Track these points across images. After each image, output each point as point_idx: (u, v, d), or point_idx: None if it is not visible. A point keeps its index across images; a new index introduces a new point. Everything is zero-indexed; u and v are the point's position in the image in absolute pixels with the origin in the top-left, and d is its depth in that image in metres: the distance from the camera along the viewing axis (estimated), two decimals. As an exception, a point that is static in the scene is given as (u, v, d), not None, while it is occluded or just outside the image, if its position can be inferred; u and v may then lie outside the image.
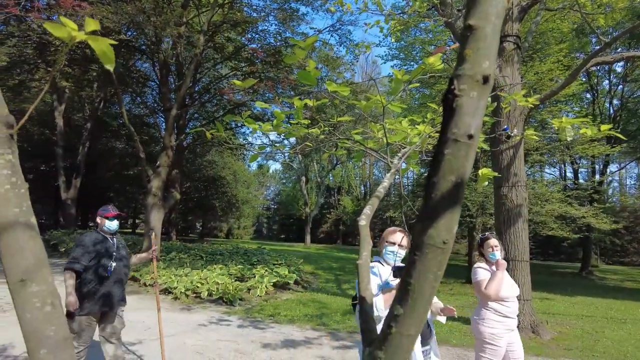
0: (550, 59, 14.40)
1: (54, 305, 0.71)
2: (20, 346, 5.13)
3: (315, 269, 16.11)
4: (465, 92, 0.61)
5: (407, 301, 0.64)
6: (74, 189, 20.19)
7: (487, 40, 0.61)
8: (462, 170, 0.62)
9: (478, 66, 0.61)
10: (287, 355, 5.44)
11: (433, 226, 0.62)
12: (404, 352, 0.65)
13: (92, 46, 0.69)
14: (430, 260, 0.62)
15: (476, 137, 0.63)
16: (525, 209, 7.06)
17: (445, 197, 0.61)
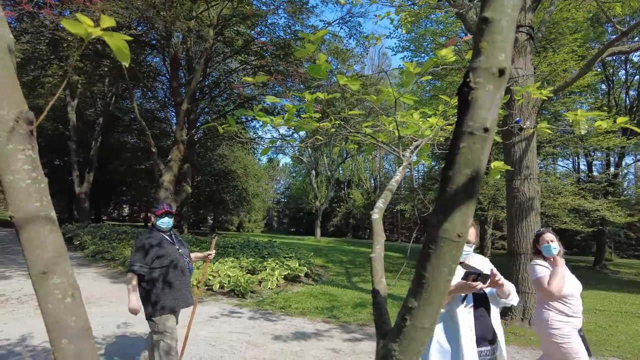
0: (564, 50, 14.13)
1: (74, 296, 0.73)
2: (39, 336, 5.26)
3: (325, 262, 16.17)
4: (481, 85, 0.61)
5: (422, 294, 0.64)
6: (87, 183, 20.49)
7: (503, 33, 0.61)
8: (478, 163, 0.62)
9: (494, 59, 0.61)
10: (298, 347, 5.49)
11: (448, 220, 0.62)
12: (418, 345, 0.66)
13: (108, 42, 0.70)
14: (445, 253, 0.63)
15: (492, 130, 0.63)
16: (537, 202, 6.99)
17: (461, 190, 0.61)
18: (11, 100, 0.68)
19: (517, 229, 7.03)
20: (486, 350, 2.37)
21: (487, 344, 2.38)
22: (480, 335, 2.36)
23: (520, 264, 6.91)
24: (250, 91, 16.16)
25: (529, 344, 5.95)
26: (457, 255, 0.65)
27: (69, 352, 0.70)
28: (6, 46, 0.68)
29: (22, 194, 0.68)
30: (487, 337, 2.37)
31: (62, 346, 0.70)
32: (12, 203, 0.68)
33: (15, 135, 0.68)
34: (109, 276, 10.20)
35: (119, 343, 5.17)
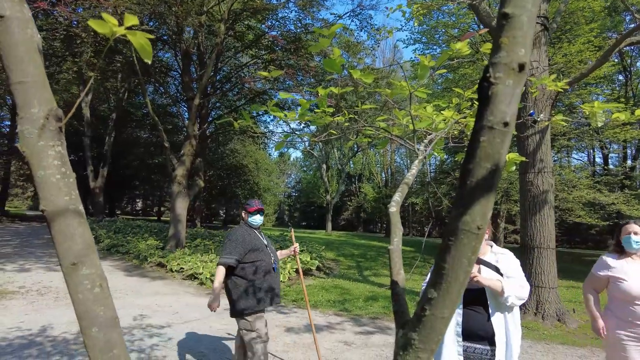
0: (579, 40, 13.84)
1: (102, 287, 0.75)
2: (58, 327, 5.40)
3: (336, 255, 16.21)
4: (501, 80, 0.62)
5: (442, 285, 0.66)
6: (101, 178, 20.80)
7: (524, 29, 0.61)
8: (498, 157, 0.63)
9: (514, 54, 0.61)
10: (310, 339, 5.53)
11: (468, 212, 0.63)
12: (437, 334, 0.67)
13: (131, 40, 0.72)
14: (465, 245, 0.64)
15: (512, 124, 0.63)
16: (551, 196, 6.91)
17: (480, 183, 0.62)
18: (42, 99, 0.71)
19: (530, 222, 6.97)
20: (482, 348, 2.32)
21: (486, 343, 2.32)
22: (472, 331, 2.33)
23: (534, 258, 6.86)
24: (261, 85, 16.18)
25: (542, 338, 5.92)
26: (476, 247, 0.66)
27: (99, 340, 0.73)
28: (36, 46, 0.71)
29: (53, 189, 0.71)
30: (482, 335, 2.32)
31: (92, 334, 0.73)
32: (44, 197, 0.71)
33: (45, 132, 0.71)
34: (124, 269, 10.38)
35: (135, 335, 5.28)
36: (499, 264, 2.43)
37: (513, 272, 2.42)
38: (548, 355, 5.20)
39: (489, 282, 2.27)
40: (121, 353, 0.77)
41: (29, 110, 0.70)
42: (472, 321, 2.35)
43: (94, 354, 0.73)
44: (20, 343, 4.80)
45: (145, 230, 15.89)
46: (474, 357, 2.33)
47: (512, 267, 2.44)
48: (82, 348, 4.69)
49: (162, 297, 7.67)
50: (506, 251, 2.55)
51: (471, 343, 2.34)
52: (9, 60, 0.68)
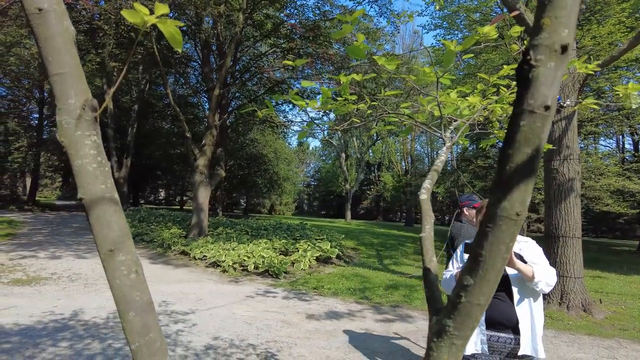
0: (610, 21, 13.24)
1: (137, 273, 0.78)
2: (89, 312, 5.60)
3: (356, 244, 16.23)
4: (542, 62, 0.60)
5: (478, 272, 0.65)
6: (125, 168, 21.30)
7: (567, 8, 0.59)
8: (538, 142, 0.61)
9: (557, 35, 0.59)
10: (331, 326, 5.60)
11: (507, 198, 0.62)
12: (473, 321, 0.67)
13: (161, 29, 0.73)
14: (503, 232, 0.63)
15: (553, 108, 0.62)
16: (577, 184, 6.72)
17: (520, 169, 0.61)
18: (78, 89, 0.73)
19: (555, 211, 6.81)
20: (506, 337, 2.29)
21: (509, 331, 2.29)
22: (496, 319, 2.30)
23: (559, 247, 6.72)
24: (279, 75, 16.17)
25: (566, 328, 5.82)
26: (514, 234, 0.65)
27: (136, 324, 0.76)
28: (72, 37, 0.72)
29: (89, 177, 0.73)
30: (506, 323, 2.29)
31: (129, 318, 0.76)
32: (82, 186, 0.73)
33: (82, 122, 0.73)
34: (148, 257, 10.66)
35: (161, 321, 5.43)
36: (522, 252, 2.40)
37: (538, 259, 2.37)
38: (573, 346, 5.12)
39: (521, 265, 2.24)
40: (157, 336, 0.80)
41: (66, 101, 0.72)
42: (496, 309, 2.32)
43: (132, 337, 0.76)
44: (55, 326, 5.01)
45: (168, 219, 16.23)
46: (498, 346, 2.31)
47: (535, 254, 2.40)
48: (113, 332, 4.87)
49: (186, 285, 7.86)
50: (528, 239, 2.50)
51: (495, 332, 2.31)
52: (47, 51, 0.69)
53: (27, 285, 7.15)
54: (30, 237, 12.79)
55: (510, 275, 2.34)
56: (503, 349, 2.31)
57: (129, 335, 0.76)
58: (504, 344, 2.30)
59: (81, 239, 13.16)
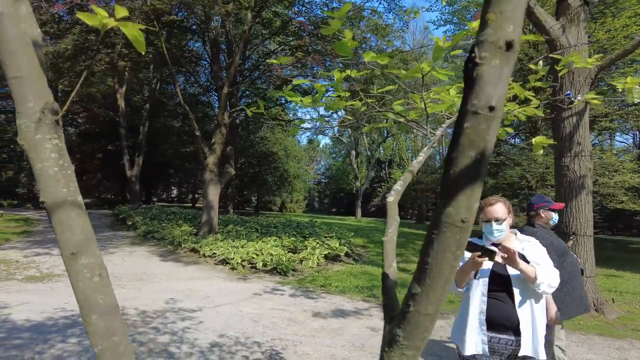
0: (625, 14, 12.94)
1: (101, 276, 0.78)
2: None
3: (366, 242, 16.19)
4: (486, 59, 0.57)
5: (425, 280, 0.63)
6: (137, 166, 21.55)
7: (514, 2, 0.56)
8: (483, 144, 0.59)
9: (501, 31, 0.56)
10: (337, 324, 5.59)
11: (452, 204, 0.60)
12: (422, 331, 0.65)
13: (124, 32, 0.73)
14: (448, 239, 0.60)
15: (499, 109, 0.59)
16: (589, 181, 6.58)
17: (465, 173, 0.58)
18: (37, 93, 0.73)
19: (566, 208, 6.68)
20: (507, 339, 2.25)
21: (510, 333, 2.24)
22: (496, 320, 2.25)
23: (569, 246, 6.59)
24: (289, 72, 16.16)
25: (577, 328, 5.72)
26: (461, 241, 0.62)
27: (99, 327, 0.76)
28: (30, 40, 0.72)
29: (51, 181, 0.73)
30: (507, 325, 2.24)
31: (92, 321, 0.76)
32: (43, 189, 0.74)
33: (42, 125, 0.73)
34: (159, 254, 10.78)
35: (168, 318, 5.49)
36: (524, 252, 2.35)
37: (541, 259, 2.32)
38: (583, 346, 5.03)
39: (524, 265, 2.19)
40: (121, 339, 0.79)
41: (25, 105, 0.72)
42: (497, 310, 2.29)
43: (95, 340, 0.76)
44: (65, 323, 5.10)
45: (179, 217, 16.39)
46: (499, 348, 2.27)
47: (539, 254, 2.35)
48: (120, 329, 4.94)
49: (195, 282, 7.93)
50: (532, 239, 2.45)
51: (495, 333, 2.28)
52: (4, 55, 0.69)
53: (40, 282, 7.30)
54: (45, 235, 13.04)
55: (512, 275, 2.29)
56: (504, 350, 2.27)
57: (92, 338, 0.76)
58: (504, 346, 2.27)
59: (94, 236, 13.37)
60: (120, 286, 7.25)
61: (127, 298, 6.38)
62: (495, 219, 2.32)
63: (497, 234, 2.34)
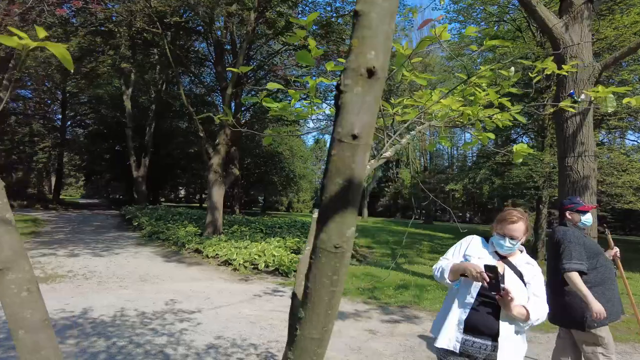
0: (635, 10, 12.70)
1: (30, 291, 0.78)
2: (98, 310, 5.74)
3: (371, 242, 16.15)
4: (349, 87, 0.55)
5: (308, 305, 0.62)
6: (144, 167, 21.73)
7: (372, 27, 0.53)
8: (350, 172, 0.57)
9: (362, 57, 0.54)
10: (335, 327, 5.56)
11: (324, 230, 0.58)
12: (310, 355, 0.63)
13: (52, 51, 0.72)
14: (324, 264, 0.59)
15: (362, 137, 0.56)
16: (593, 182, 6.48)
17: (334, 200, 0.57)
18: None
19: (569, 209, 6.59)
20: (481, 343, 2.21)
21: (487, 338, 2.21)
22: (475, 326, 2.22)
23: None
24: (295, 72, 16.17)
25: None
26: (337, 267, 0.61)
27: (27, 342, 0.76)
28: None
29: (-22, 198, 0.73)
30: (485, 332, 2.21)
31: (20, 336, 0.76)
32: (-30, 206, 0.73)
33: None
34: (163, 255, 10.85)
35: (167, 319, 5.52)
36: (523, 271, 2.31)
37: (537, 288, 2.27)
38: (584, 350, 4.95)
39: (517, 311, 2.13)
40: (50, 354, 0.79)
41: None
42: (480, 316, 2.26)
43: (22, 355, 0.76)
44: (64, 324, 5.14)
45: (185, 218, 16.49)
46: (472, 351, 2.24)
47: (537, 282, 2.29)
48: (118, 330, 4.97)
49: (197, 283, 7.96)
50: (534, 262, 2.39)
51: (471, 337, 2.25)
52: None
53: (44, 282, 7.37)
54: (52, 235, 13.21)
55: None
56: (477, 354, 2.25)
57: (20, 353, 0.76)
58: (478, 350, 2.24)
59: (100, 237, 13.51)
60: (123, 287, 7.32)
61: (129, 299, 6.43)
62: (511, 236, 2.28)
63: (508, 250, 2.31)
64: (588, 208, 3.32)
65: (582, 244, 3.18)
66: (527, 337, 5.17)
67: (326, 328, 0.65)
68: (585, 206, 3.31)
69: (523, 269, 2.31)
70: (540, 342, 5.18)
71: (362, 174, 0.59)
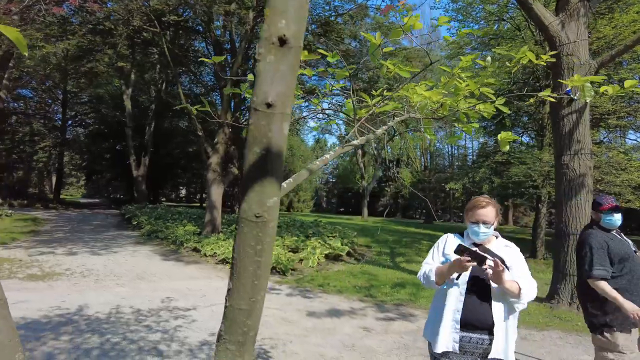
0: (634, 9, 12.66)
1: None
2: (94, 307, 5.74)
3: (370, 241, 16.13)
4: (262, 56, 0.56)
5: (234, 276, 0.62)
6: (144, 166, 21.76)
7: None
8: (267, 141, 0.57)
9: (273, 26, 0.55)
10: (330, 324, 5.57)
11: (245, 200, 0.59)
12: (240, 326, 0.64)
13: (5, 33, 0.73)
14: (246, 234, 0.60)
15: (278, 105, 0.57)
16: (589, 179, 6.47)
17: (253, 169, 0.57)
18: None
19: (565, 208, 6.59)
20: (478, 338, 2.21)
21: (483, 332, 2.21)
22: (470, 321, 2.22)
23: (568, 246, 6.50)
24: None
25: (574, 329, 5.63)
26: (261, 237, 0.61)
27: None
28: None
29: None
30: (481, 326, 2.21)
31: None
32: None
33: None
34: (161, 254, 10.86)
35: (162, 317, 5.53)
36: (503, 255, 2.31)
37: (521, 268, 2.28)
38: (579, 348, 4.95)
39: (509, 284, 2.14)
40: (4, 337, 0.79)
41: None
42: (473, 310, 2.25)
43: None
44: (59, 321, 5.16)
45: (184, 217, 16.51)
46: (469, 347, 2.24)
47: (519, 263, 2.31)
48: (113, 327, 4.98)
49: (194, 281, 7.97)
50: (511, 244, 2.41)
51: (467, 332, 2.25)
52: None
53: (41, 280, 7.39)
54: (51, 234, 13.23)
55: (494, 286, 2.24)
56: (475, 349, 2.24)
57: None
58: (475, 345, 2.23)
59: (99, 236, 13.53)
60: (120, 285, 7.33)
61: (125, 297, 6.44)
62: (483, 221, 2.29)
63: (484, 236, 2.32)
64: (607, 207, 3.12)
65: (604, 248, 3.04)
66: (522, 335, 5.16)
67: (254, 299, 0.65)
68: (604, 206, 3.12)
69: (502, 253, 2.31)
70: (534, 340, 5.18)
71: (280, 143, 0.59)
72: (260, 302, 0.67)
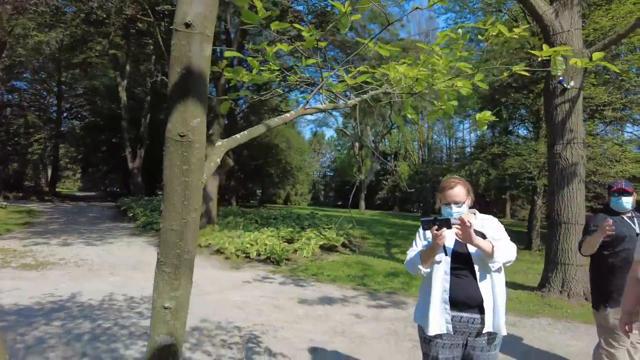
0: (630, 0, 12.62)
1: None
2: (87, 294, 5.76)
3: (366, 233, 16.16)
4: None
5: (165, 197, 0.63)
6: (139, 158, 21.70)
7: None
8: (187, 61, 0.59)
9: None
10: (322, 311, 5.61)
11: (170, 120, 0.60)
12: (173, 247, 0.65)
13: None
14: (172, 153, 0.61)
15: (197, 26, 0.58)
16: (581, 169, 6.49)
17: (176, 89, 0.58)
18: None
19: (558, 197, 6.61)
20: (469, 317, 2.23)
21: (474, 311, 2.23)
22: (460, 299, 2.24)
23: (561, 235, 6.53)
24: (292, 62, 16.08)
25: (564, 316, 5.67)
26: (186, 157, 0.63)
27: None
28: None
29: None
30: (469, 303, 2.23)
31: None
32: None
33: None
34: (156, 245, 10.80)
35: (154, 303, 5.54)
36: (484, 229, 2.33)
37: (499, 234, 2.32)
38: (567, 334, 4.99)
39: (480, 241, 2.17)
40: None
41: None
42: (460, 288, 2.27)
43: None
44: (51, 307, 5.18)
45: (180, 208, 16.49)
46: (460, 327, 2.25)
47: (497, 230, 2.34)
48: (105, 314, 5.00)
49: (188, 270, 7.98)
50: (490, 217, 2.43)
51: (458, 312, 2.26)
52: None
53: (34, 269, 7.40)
54: (46, 226, 13.23)
55: (472, 253, 2.28)
56: (466, 329, 2.25)
57: None
58: (466, 324, 2.24)
59: (94, 227, 13.53)
60: (114, 274, 7.35)
61: (118, 285, 6.46)
62: (454, 202, 2.32)
63: (456, 216, 2.33)
64: (616, 189, 3.19)
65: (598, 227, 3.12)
66: (512, 322, 5.19)
67: (185, 220, 0.67)
68: (613, 188, 3.21)
69: (484, 229, 2.32)
70: (524, 326, 5.22)
71: (201, 64, 0.60)
72: (191, 223, 0.68)
